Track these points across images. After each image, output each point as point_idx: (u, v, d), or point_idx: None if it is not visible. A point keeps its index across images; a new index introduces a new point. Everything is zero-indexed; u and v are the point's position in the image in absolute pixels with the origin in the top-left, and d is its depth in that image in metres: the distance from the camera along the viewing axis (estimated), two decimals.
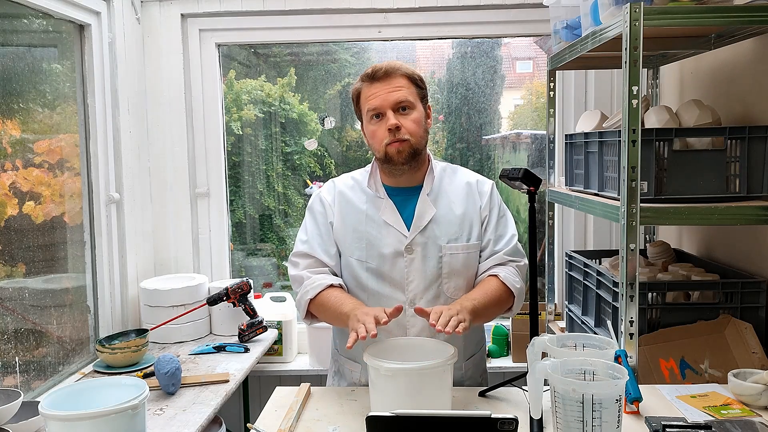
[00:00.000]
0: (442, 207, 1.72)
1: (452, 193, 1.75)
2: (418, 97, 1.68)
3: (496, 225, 1.76)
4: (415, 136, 1.65)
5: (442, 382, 1.43)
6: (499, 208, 1.78)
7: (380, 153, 1.67)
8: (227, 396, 2.11)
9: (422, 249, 1.68)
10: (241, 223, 3.40)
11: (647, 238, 2.66)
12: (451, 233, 1.70)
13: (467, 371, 1.77)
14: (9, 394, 1.79)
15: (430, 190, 1.73)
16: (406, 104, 1.65)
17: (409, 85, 1.66)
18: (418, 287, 1.68)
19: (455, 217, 1.72)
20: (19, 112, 2.25)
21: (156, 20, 2.88)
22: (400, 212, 1.70)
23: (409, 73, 1.68)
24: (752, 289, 1.91)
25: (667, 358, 1.84)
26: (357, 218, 1.72)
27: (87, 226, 2.57)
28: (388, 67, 1.65)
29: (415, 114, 1.66)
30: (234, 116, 3.28)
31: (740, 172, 1.79)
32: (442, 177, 1.77)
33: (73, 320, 2.49)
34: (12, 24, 2.28)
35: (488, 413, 1.06)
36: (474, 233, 1.72)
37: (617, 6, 1.78)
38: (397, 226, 1.69)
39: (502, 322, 3.06)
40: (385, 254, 1.68)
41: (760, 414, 1.48)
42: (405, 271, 1.68)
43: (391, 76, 1.65)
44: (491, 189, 1.78)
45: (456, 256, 1.69)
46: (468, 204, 1.74)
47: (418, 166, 1.72)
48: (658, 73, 2.58)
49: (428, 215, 1.69)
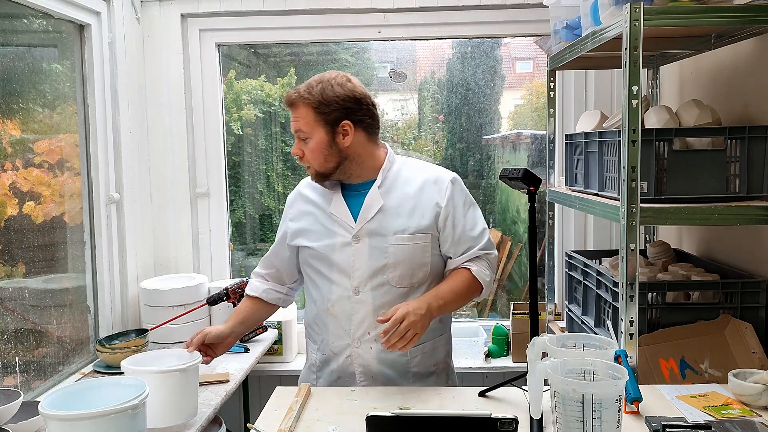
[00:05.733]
0: (392, 199, 1.78)
1: (406, 186, 1.79)
2: (318, 123, 1.72)
3: (463, 221, 1.79)
4: (314, 162, 1.75)
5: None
6: (464, 203, 1.81)
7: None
8: (227, 396, 2.11)
9: (369, 239, 1.75)
10: (241, 223, 3.40)
11: (647, 238, 2.66)
12: (398, 225, 1.75)
13: (413, 358, 1.79)
14: (9, 394, 1.79)
15: (381, 184, 1.79)
16: (303, 135, 1.74)
17: (307, 113, 1.72)
18: (363, 275, 1.75)
19: (405, 210, 1.76)
20: (19, 112, 2.25)
21: (156, 20, 2.88)
22: (353, 204, 1.79)
23: (308, 101, 1.71)
24: (752, 289, 1.91)
25: (667, 358, 1.84)
26: (313, 212, 1.84)
27: (87, 226, 2.57)
28: (292, 98, 1.73)
29: (311, 143, 1.73)
30: (234, 116, 3.28)
31: (740, 172, 1.79)
32: (399, 171, 1.82)
33: (73, 320, 2.49)
34: (12, 24, 2.28)
35: (488, 413, 1.06)
36: (423, 225, 1.75)
37: (617, 6, 1.78)
38: (345, 217, 1.78)
39: (502, 322, 3.06)
40: (335, 244, 1.78)
41: (760, 414, 1.48)
42: (351, 260, 1.76)
43: (294, 106, 1.74)
44: (451, 184, 1.80)
45: (401, 247, 1.74)
46: (421, 197, 1.78)
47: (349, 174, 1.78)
48: (658, 73, 2.58)
49: (375, 207, 1.76)
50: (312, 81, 1.75)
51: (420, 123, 3.40)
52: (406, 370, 1.78)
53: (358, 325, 1.76)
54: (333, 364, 1.81)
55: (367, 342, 1.76)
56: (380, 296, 1.75)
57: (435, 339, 1.83)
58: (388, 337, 1.56)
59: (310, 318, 1.89)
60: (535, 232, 1.56)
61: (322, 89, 1.72)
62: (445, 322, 1.88)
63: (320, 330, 1.84)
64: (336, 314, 1.78)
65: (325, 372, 1.84)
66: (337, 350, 1.80)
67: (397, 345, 1.57)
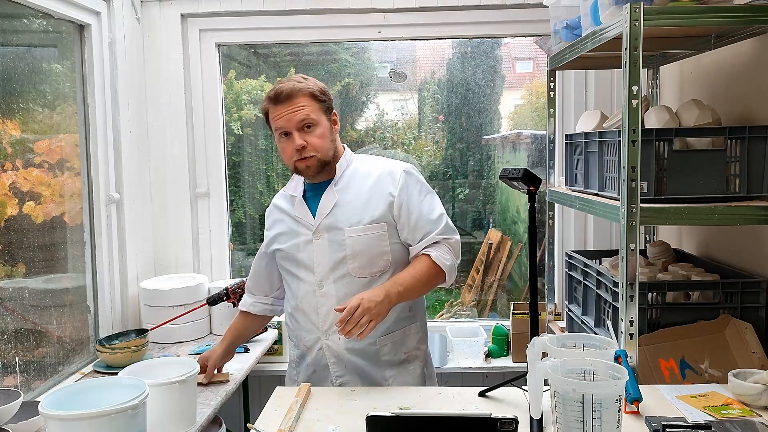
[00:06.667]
0: (347, 194, 1.84)
1: (362, 181, 1.86)
2: (321, 111, 1.81)
3: (419, 207, 1.83)
4: (320, 151, 1.80)
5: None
6: (419, 191, 1.85)
7: (291, 167, 1.85)
8: (227, 396, 2.11)
9: (327, 234, 1.82)
10: (241, 223, 3.40)
11: (647, 238, 2.66)
12: (353, 217, 1.81)
13: (383, 347, 1.83)
14: (9, 394, 1.79)
15: (338, 181, 1.86)
16: (309, 122, 1.78)
17: (310, 102, 1.79)
18: (325, 269, 1.82)
19: (359, 202, 1.82)
20: (19, 112, 2.25)
21: (156, 20, 2.88)
22: (315, 204, 1.86)
23: (309, 91, 1.79)
24: (752, 289, 1.91)
25: (667, 358, 1.84)
26: (283, 219, 1.93)
27: (87, 226, 2.57)
28: (288, 90, 1.77)
29: (318, 130, 1.79)
30: (234, 116, 3.28)
31: (740, 172, 1.79)
32: (356, 168, 1.89)
33: (73, 320, 2.49)
34: (12, 24, 2.28)
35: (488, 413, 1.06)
36: (376, 215, 1.80)
37: (617, 6, 1.78)
38: (306, 217, 1.86)
39: (502, 322, 3.06)
40: (299, 243, 1.86)
41: (760, 414, 1.48)
42: (313, 255, 1.83)
43: (293, 98, 1.77)
44: (404, 173, 1.84)
45: (357, 238, 1.79)
46: (375, 189, 1.83)
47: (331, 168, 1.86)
48: (658, 73, 2.58)
49: (331, 203, 1.83)
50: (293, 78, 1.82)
51: (420, 123, 3.40)
52: (376, 358, 1.84)
53: (325, 317, 1.82)
54: (308, 358, 1.88)
55: (334, 333, 1.80)
56: (343, 288, 1.80)
57: (404, 328, 1.88)
58: (344, 326, 1.62)
59: (286, 317, 1.97)
60: (535, 232, 1.56)
61: (315, 81, 1.83)
62: (415, 311, 1.92)
63: (294, 327, 1.92)
64: (304, 309, 1.85)
65: (302, 366, 1.91)
66: (309, 344, 1.87)
67: (354, 332, 1.62)
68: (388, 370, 1.84)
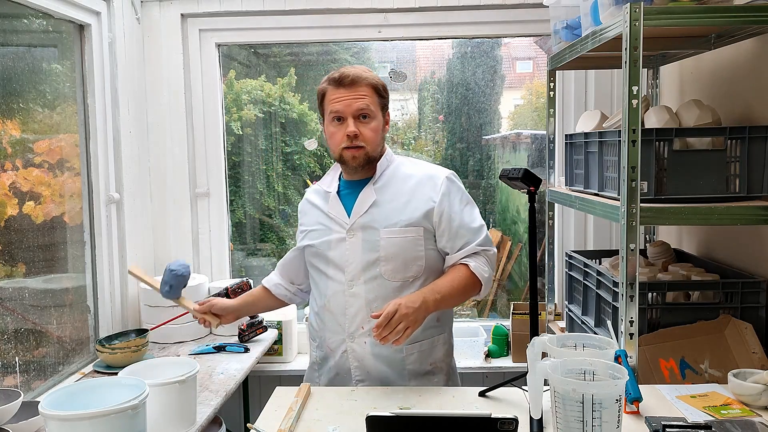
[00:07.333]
0: (386, 194, 1.80)
1: (402, 183, 1.82)
2: (379, 107, 1.78)
3: (460, 215, 1.79)
4: (371, 144, 1.76)
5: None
6: (460, 199, 1.81)
7: (336, 154, 1.80)
8: (227, 396, 2.11)
9: (362, 233, 1.78)
10: (241, 223, 3.40)
11: (647, 238, 2.66)
12: (390, 218, 1.77)
13: (409, 356, 1.78)
14: (9, 394, 1.79)
15: (377, 180, 1.82)
16: (367, 113, 1.75)
17: (372, 94, 1.76)
18: (356, 268, 1.77)
19: (398, 204, 1.78)
20: (19, 112, 2.25)
21: (156, 20, 2.88)
22: (350, 201, 1.82)
23: (374, 83, 1.77)
24: (752, 289, 1.91)
25: (667, 358, 1.84)
26: (315, 214, 1.89)
27: (87, 226, 2.57)
28: (354, 75, 1.74)
29: (374, 123, 1.76)
30: (234, 116, 3.28)
31: (740, 172, 1.79)
32: (397, 168, 1.85)
33: (73, 320, 2.49)
34: (12, 24, 2.28)
35: (488, 413, 1.06)
36: (414, 218, 1.76)
37: (617, 6, 1.78)
38: (340, 214, 1.81)
39: (502, 322, 3.06)
40: (331, 240, 1.81)
41: (760, 414, 1.48)
42: (346, 254, 1.78)
43: (356, 84, 1.74)
44: (447, 180, 1.81)
45: (392, 240, 1.75)
46: (416, 192, 1.79)
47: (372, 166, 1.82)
48: (658, 73, 2.58)
49: (368, 202, 1.79)
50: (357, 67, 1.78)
51: (420, 123, 3.40)
52: (401, 367, 1.78)
53: (352, 318, 1.77)
54: (331, 360, 1.83)
55: (360, 336, 1.77)
56: (373, 290, 1.75)
57: (433, 338, 1.83)
58: (380, 331, 1.57)
59: (312, 316, 1.92)
60: (535, 232, 1.56)
61: (375, 75, 1.79)
62: (444, 321, 1.87)
63: (319, 327, 1.86)
64: (332, 309, 1.80)
65: (325, 369, 1.86)
66: (333, 346, 1.82)
67: (389, 338, 1.57)
68: (412, 380, 1.79)
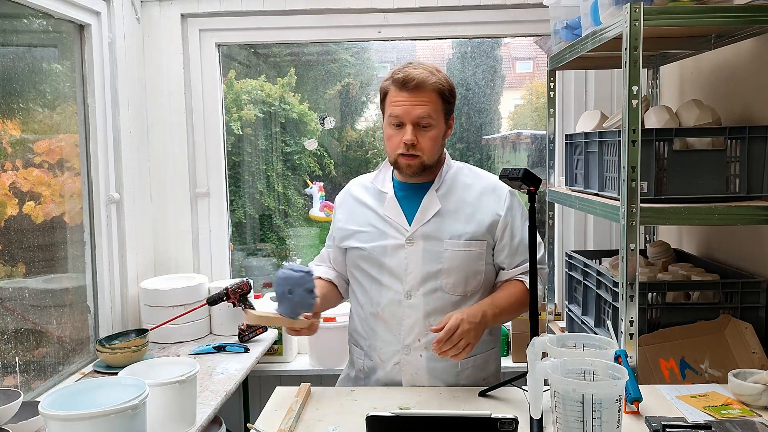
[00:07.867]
0: (450, 203, 1.72)
1: (465, 192, 1.74)
2: (442, 113, 1.68)
3: (522, 231, 1.74)
4: (427, 154, 1.67)
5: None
6: (521, 214, 1.76)
7: (391, 158, 1.72)
8: (227, 396, 2.11)
9: (423, 242, 1.69)
10: (241, 223, 3.40)
11: (647, 238, 2.66)
12: (456, 230, 1.69)
13: (465, 370, 1.73)
14: (9, 394, 1.79)
15: (440, 186, 1.74)
16: (428, 122, 1.65)
17: (436, 100, 1.65)
18: (416, 279, 1.69)
19: (464, 215, 1.71)
20: (19, 112, 2.24)
21: (156, 20, 2.88)
22: (408, 206, 1.73)
23: (440, 87, 1.66)
24: (752, 289, 1.91)
25: (667, 358, 1.84)
26: (363, 213, 1.77)
27: (87, 226, 2.57)
28: (420, 80, 1.63)
29: (433, 132, 1.67)
30: (234, 116, 3.28)
31: (740, 172, 1.79)
32: (457, 175, 1.77)
33: (73, 320, 2.49)
34: (12, 24, 2.28)
35: (488, 413, 1.06)
36: (480, 232, 1.70)
37: (617, 6, 1.78)
38: (398, 219, 1.72)
39: None
40: (387, 246, 1.71)
41: (760, 414, 1.48)
42: (404, 262, 1.70)
43: (420, 89, 1.63)
44: (510, 194, 1.75)
45: (457, 253, 1.68)
46: (480, 204, 1.73)
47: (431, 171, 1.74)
48: (658, 73, 2.58)
49: (433, 210, 1.71)
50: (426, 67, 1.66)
51: None
52: (455, 382, 1.72)
53: (408, 331, 1.69)
54: (380, 372, 1.74)
55: (416, 349, 1.69)
56: (432, 302, 1.68)
57: (487, 352, 1.78)
58: (440, 345, 1.51)
59: (357, 322, 1.81)
60: (535, 232, 1.56)
61: (446, 77, 1.68)
62: (495, 335, 1.83)
63: (367, 335, 1.76)
64: (386, 319, 1.71)
65: (372, 380, 1.76)
66: (385, 357, 1.72)
67: (449, 353, 1.51)
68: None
